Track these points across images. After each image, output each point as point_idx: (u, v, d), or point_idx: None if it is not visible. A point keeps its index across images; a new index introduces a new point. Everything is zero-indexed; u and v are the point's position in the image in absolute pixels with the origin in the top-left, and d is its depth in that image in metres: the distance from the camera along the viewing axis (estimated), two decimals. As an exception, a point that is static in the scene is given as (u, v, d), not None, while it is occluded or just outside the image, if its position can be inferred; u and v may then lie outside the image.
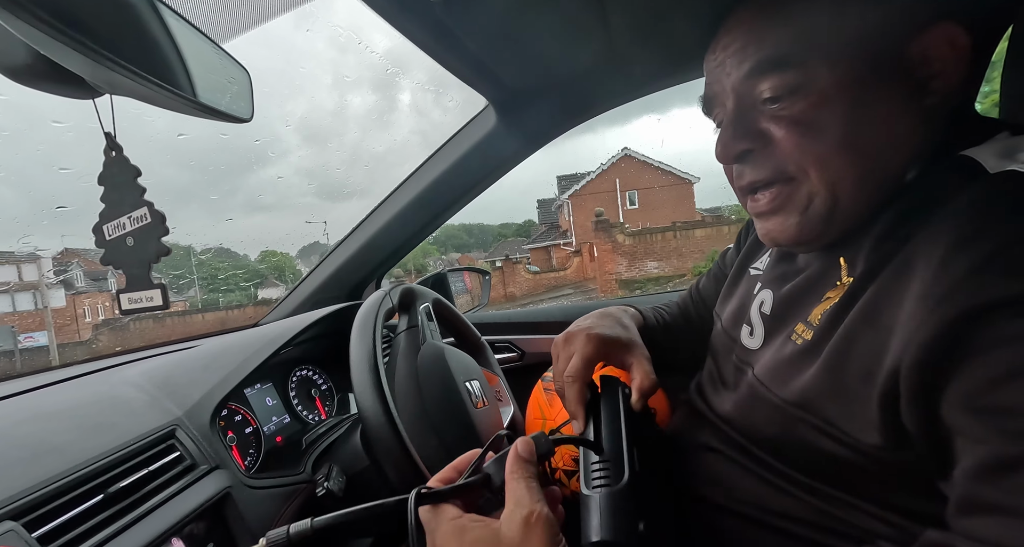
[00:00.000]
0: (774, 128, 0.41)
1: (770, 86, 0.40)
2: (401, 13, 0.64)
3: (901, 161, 0.39)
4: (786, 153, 0.40)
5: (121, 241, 0.39)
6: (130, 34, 0.37)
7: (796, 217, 0.42)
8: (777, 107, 0.40)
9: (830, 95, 0.38)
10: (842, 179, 0.39)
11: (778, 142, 0.41)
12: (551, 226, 24.37)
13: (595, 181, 20.43)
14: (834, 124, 0.38)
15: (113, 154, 0.38)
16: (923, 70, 0.38)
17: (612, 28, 0.70)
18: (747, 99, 0.42)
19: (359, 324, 0.69)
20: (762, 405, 0.44)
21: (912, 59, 0.38)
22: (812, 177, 0.40)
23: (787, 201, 0.42)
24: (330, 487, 0.64)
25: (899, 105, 0.38)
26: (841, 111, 0.38)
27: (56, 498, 0.44)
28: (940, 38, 0.37)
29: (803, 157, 0.40)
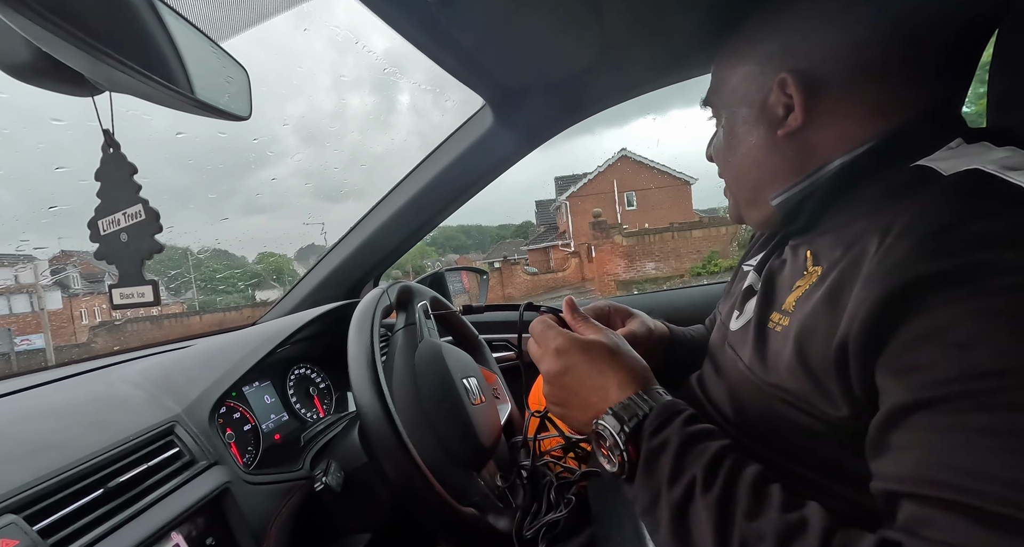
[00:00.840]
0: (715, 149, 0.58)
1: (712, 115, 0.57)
2: (397, 12, 0.65)
3: (773, 177, 0.51)
4: (718, 161, 0.58)
5: (115, 237, 0.39)
6: (130, 31, 0.38)
7: (730, 204, 0.59)
8: (716, 132, 0.57)
9: (723, 129, 0.55)
10: (732, 185, 0.57)
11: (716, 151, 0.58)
12: (549, 227, 24.38)
13: (593, 182, 20.46)
14: (723, 150, 0.55)
15: (111, 151, 0.38)
16: (779, 110, 0.48)
17: (607, 27, 0.70)
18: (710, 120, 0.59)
19: (357, 321, 0.69)
20: (747, 388, 0.48)
21: (771, 103, 0.48)
22: (726, 181, 0.58)
23: (727, 193, 0.59)
24: (328, 482, 0.64)
25: (760, 138, 0.50)
26: (726, 139, 0.54)
27: (57, 492, 0.45)
28: (784, 87, 0.47)
29: (720, 167, 0.58)
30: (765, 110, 0.49)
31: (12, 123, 34.48)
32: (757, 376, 0.46)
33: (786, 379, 0.43)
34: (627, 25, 0.71)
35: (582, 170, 21.18)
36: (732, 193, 0.57)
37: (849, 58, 0.45)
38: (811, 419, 0.41)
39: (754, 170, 0.52)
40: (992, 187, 0.35)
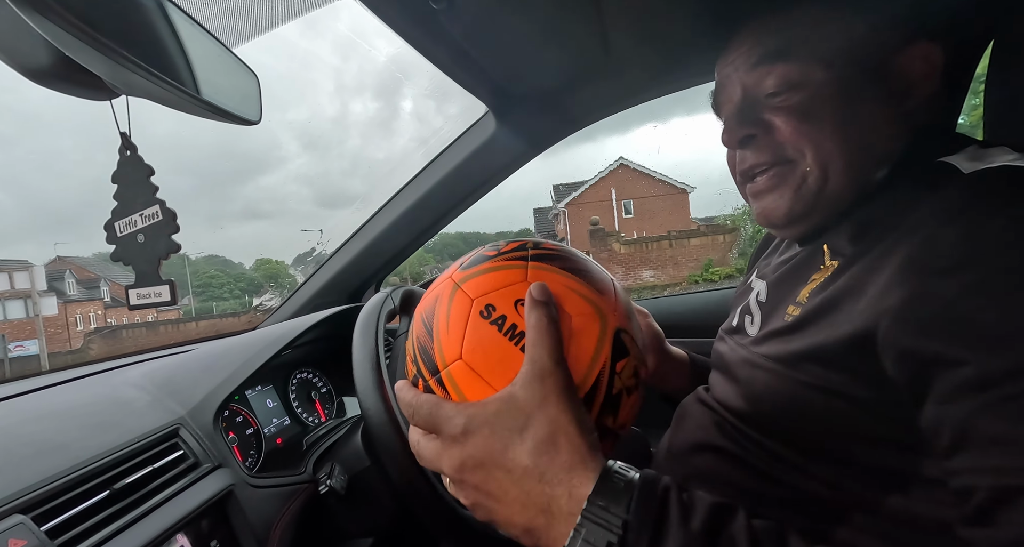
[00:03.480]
0: (775, 117, 0.47)
1: (773, 80, 0.47)
2: (402, 18, 0.66)
3: (881, 153, 0.46)
4: (785, 138, 0.47)
5: (132, 238, 0.40)
6: (147, 36, 0.39)
7: (790, 193, 0.48)
8: (779, 99, 0.47)
9: (824, 90, 0.45)
10: (833, 160, 0.45)
11: (778, 129, 0.47)
12: (548, 235, 24.43)
13: (591, 190, 20.54)
14: (826, 115, 0.45)
15: (128, 153, 0.39)
16: (901, 81, 0.45)
17: (610, 35, 0.72)
18: (752, 91, 0.49)
19: (361, 324, 0.69)
20: (763, 377, 0.47)
21: (893, 70, 0.44)
22: (808, 157, 0.46)
23: (783, 180, 0.48)
24: (333, 485, 0.64)
25: (881, 106, 0.45)
26: (833, 105, 0.45)
27: (63, 493, 0.45)
28: (918, 55, 0.44)
29: (800, 141, 0.46)
30: (889, 77, 0.45)
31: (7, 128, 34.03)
32: (777, 366, 0.46)
33: (801, 359, 0.42)
34: (630, 33, 0.72)
35: (581, 178, 21.26)
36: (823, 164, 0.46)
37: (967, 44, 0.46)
38: (834, 400, 0.40)
39: (863, 141, 0.45)
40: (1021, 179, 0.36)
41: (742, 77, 0.49)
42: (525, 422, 0.34)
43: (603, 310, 0.38)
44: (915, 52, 0.44)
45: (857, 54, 0.45)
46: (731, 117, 0.51)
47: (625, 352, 0.38)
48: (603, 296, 0.39)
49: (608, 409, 0.37)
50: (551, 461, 0.33)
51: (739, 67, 0.50)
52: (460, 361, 0.37)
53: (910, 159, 0.45)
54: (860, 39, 0.45)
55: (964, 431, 0.33)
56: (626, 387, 0.38)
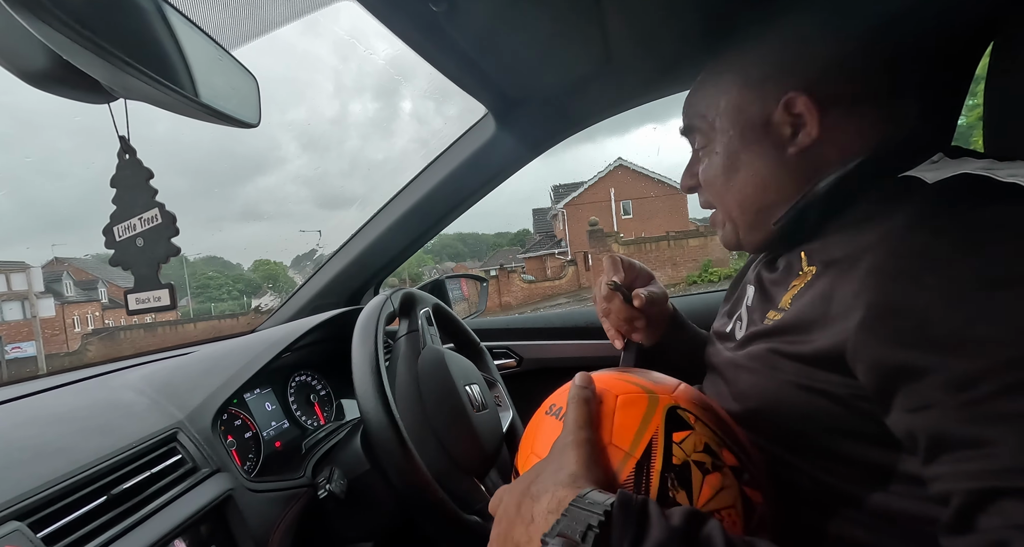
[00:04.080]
0: (699, 173, 0.56)
1: (696, 143, 0.57)
2: (402, 20, 0.66)
3: (780, 197, 0.50)
4: (703, 191, 0.57)
5: (131, 242, 0.40)
6: (145, 39, 0.38)
7: (721, 231, 0.58)
8: (700, 157, 0.56)
9: (716, 155, 0.53)
10: (732, 211, 0.54)
11: (700, 183, 0.57)
12: (546, 235, 24.44)
13: (590, 191, 20.57)
14: (720, 175, 0.53)
15: (127, 156, 0.39)
16: (787, 129, 0.49)
17: (610, 37, 0.72)
18: (694, 149, 0.58)
19: (361, 327, 0.69)
20: (747, 376, 0.49)
21: (776, 123, 0.49)
22: (719, 208, 0.56)
23: (715, 221, 0.58)
24: (332, 490, 0.64)
25: (767, 159, 0.50)
26: (724, 167, 0.53)
27: (60, 499, 0.44)
28: (795, 104, 0.48)
29: (711, 195, 0.56)
30: (770, 130, 0.49)
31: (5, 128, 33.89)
32: (760, 366, 0.47)
33: (794, 367, 0.43)
34: (630, 36, 0.72)
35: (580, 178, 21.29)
36: (732, 219, 0.55)
37: (849, 76, 0.47)
38: (816, 398, 0.42)
39: (761, 192, 0.51)
40: (983, 184, 0.37)
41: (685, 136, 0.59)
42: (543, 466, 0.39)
43: (653, 390, 0.42)
44: (789, 105, 0.48)
45: (738, 119, 0.51)
46: (686, 167, 0.60)
47: (685, 425, 0.39)
48: (658, 384, 0.44)
49: (676, 482, 0.37)
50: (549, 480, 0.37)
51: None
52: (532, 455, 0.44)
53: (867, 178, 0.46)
54: (738, 104, 0.51)
55: (936, 439, 0.33)
56: (696, 462, 0.38)
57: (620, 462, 0.37)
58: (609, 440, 0.39)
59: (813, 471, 0.44)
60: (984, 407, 0.31)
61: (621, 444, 0.38)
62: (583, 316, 1.27)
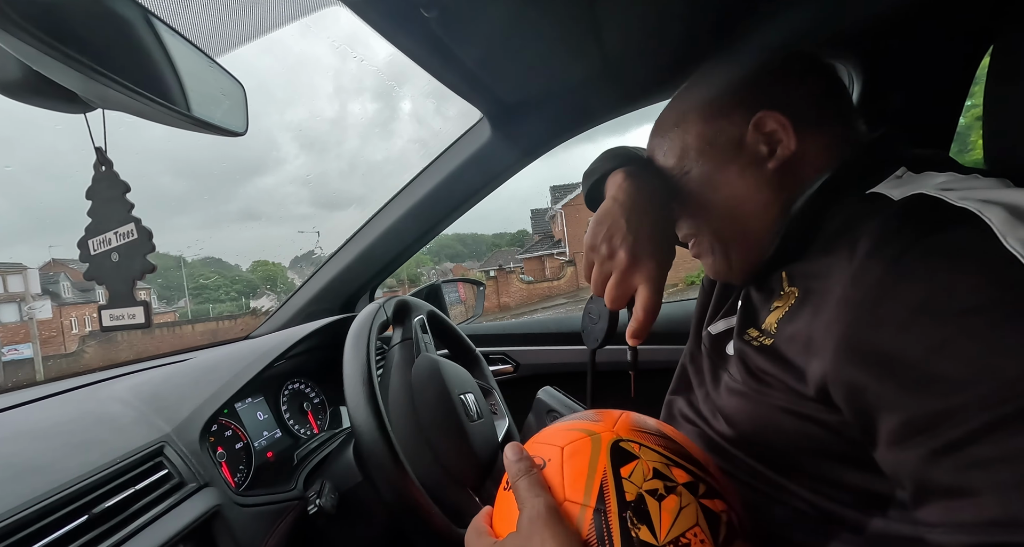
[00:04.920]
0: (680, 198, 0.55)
1: (675, 172, 0.54)
2: (395, 26, 0.65)
3: (767, 213, 0.50)
4: (686, 218, 0.55)
5: (106, 256, 0.38)
6: (123, 48, 0.37)
7: (710, 259, 0.56)
8: (680, 182, 0.54)
9: (697, 180, 0.52)
10: (721, 233, 0.53)
11: (682, 210, 0.55)
12: (545, 236, 24.46)
13: (588, 191, 20.51)
14: (704, 200, 0.52)
15: (103, 169, 0.38)
16: (762, 148, 0.49)
17: (604, 42, 0.71)
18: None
19: (353, 337, 0.68)
20: (736, 401, 0.49)
21: (750, 143, 0.50)
22: (705, 234, 0.54)
23: (700, 249, 0.56)
24: (322, 504, 0.63)
25: (743, 175, 0.50)
26: (707, 190, 0.52)
27: (39, 519, 0.43)
28: (766, 122, 0.49)
29: (695, 222, 0.54)
30: (744, 151, 0.50)
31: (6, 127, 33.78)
32: (749, 390, 0.47)
33: (779, 390, 0.44)
34: (624, 40, 0.71)
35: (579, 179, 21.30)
36: (719, 242, 0.54)
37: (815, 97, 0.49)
38: (808, 424, 0.42)
39: (744, 209, 0.51)
40: (937, 207, 0.37)
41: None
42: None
43: (594, 430, 0.41)
44: (760, 124, 0.49)
45: (715, 141, 0.51)
46: None
47: (630, 457, 0.38)
48: (599, 421, 0.43)
49: (634, 519, 0.35)
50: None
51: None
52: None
53: (838, 195, 0.46)
54: (712, 124, 0.51)
55: (920, 484, 0.33)
56: (649, 491, 0.37)
57: (579, 516, 0.37)
58: (563, 497, 0.38)
59: (810, 496, 0.43)
60: (963, 453, 0.30)
61: (575, 497, 0.38)
62: (581, 321, 1.26)
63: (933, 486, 0.32)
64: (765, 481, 0.46)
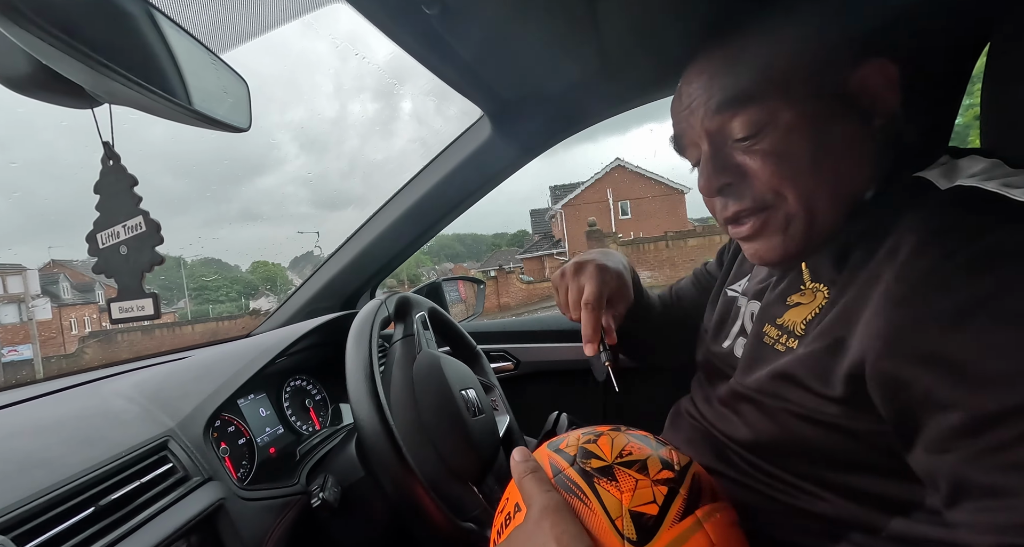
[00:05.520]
0: (749, 161, 0.45)
1: (739, 125, 0.45)
2: (396, 24, 0.65)
3: (862, 177, 0.44)
4: (763, 183, 0.45)
5: (115, 250, 0.39)
6: (129, 44, 0.38)
7: (779, 237, 0.46)
8: (749, 143, 0.45)
9: (792, 128, 0.43)
10: (815, 198, 0.44)
11: (755, 174, 0.45)
12: (544, 236, 24.45)
13: (588, 191, 20.59)
14: (800, 152, 0.43)
15: (111, 163, 0.38)
16: (864, 100, 0.43)
17: (604, 40, 0.71)
18: (720, 138, 0.47)
19: (355, 333, 0.68)
20: (752, 410, 0.47)
21: (853, 92, 0.43)
22: (789, 200, 0.44)
23: (768, 225, 0.46)
24: (326, 498, 0.63)
25: (852, 130, 0.43)
26: (804, 140, 0.43)
27: (46, 511, 0.43)
28: (872, 72, 0.43)
29: (779, 184, 0.44)
30: (849, 99, 0.43)
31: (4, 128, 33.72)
32: (768, 399, 0.45)
33: (811, 401, 0.42)
34: (625, 38, 0.71)
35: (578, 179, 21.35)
36: (805, 211, 0.44)
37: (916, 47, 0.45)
38: (832, 433, 0.40)
39: (855, 169, 0.44)
40: (996, 202, 0.35)
41: (705, 124, 0.47)
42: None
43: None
44: (868, 69, 0.43)
45: (815, 84, 0.43)
46: (704, 165, 0.48)
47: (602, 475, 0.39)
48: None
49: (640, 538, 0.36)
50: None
51: (699, 113, 0.47)
52: None
53: (889, 176, 0.44)
54: (814, 68, 0.43)
55: (956, 485, 0.32)
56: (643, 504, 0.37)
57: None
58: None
59: (829, 500, 0.42)
60: (1005, 454, 0.30)
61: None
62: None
63: (971, 486, 0.31)
64: (784, 485, 0.45)
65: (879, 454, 0.38)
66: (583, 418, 1.19)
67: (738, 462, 0.49)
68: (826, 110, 0.43)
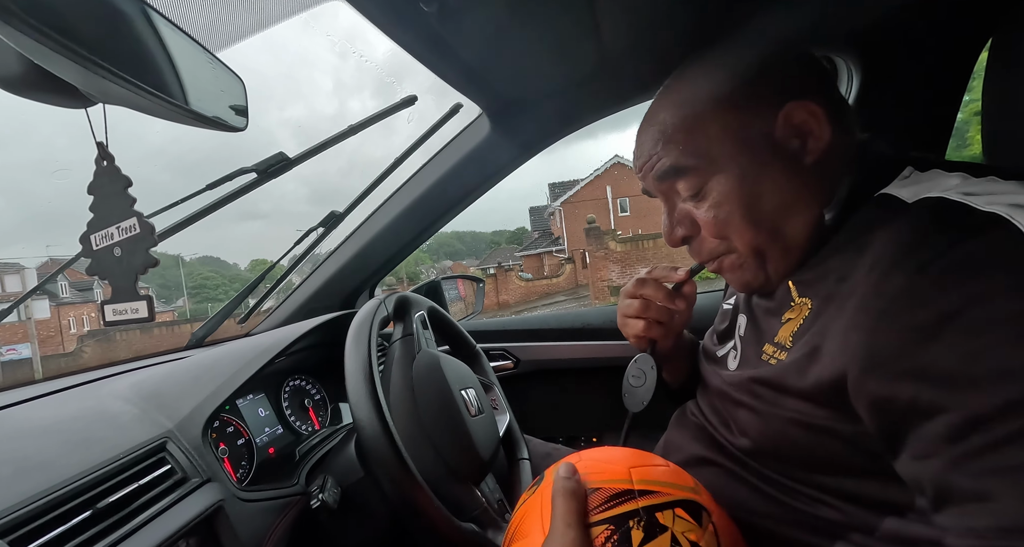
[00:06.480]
0: (698, 216, 0.50)
1: (682, 188, 0.50)
2: (394, 22, 0.65)
3: (809, 211, 0.47)
4: (711, 236, 0.50)
5: (108, 251, 0.38)
6: (123, 42, 0.37)
7: (740, 274, 0.51)
8: (694, 201, 0.50)
9: (728, 186, 0.47)
10: (759, 243, 0.48)
11: (703, 228, 0.50)
12: (543, 233, 24.45)
13: (587, 188, 20.58)
14: (738, 208, 0.47)
15: (104, 163, 0.37)
16: (794, 141, 0.46)
17: (604, 38, 0.71)
18: (671, 196, 0.53)
19: (354, 333, 0.68)
20: (745, 414, 0.49)
21: (781, 138, 0.46)
22: (738, 247, 0.49)
23: (730, 266, 0.51)
24: (325, 499, 0.63)
25: (787, 174, 0.46)
26: (742, 195, 0.47)
27: (43, 515, 0.43)
28: (795, 114, 0.45)
29: (725, 235, 0.49)
30: (776, 146, 0.46)
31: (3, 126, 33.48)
32: (759, 404, 0.47)
33: (797, 405, 0.43)
34: (623, 37, 0.71)
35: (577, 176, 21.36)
36: (755, 255, 0.49)
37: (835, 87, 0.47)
38: (823, 437, 0.41)
39: (785, 213, 0.47)
40: (961, 212, 0.36)
41: (656, 186, 0.53)
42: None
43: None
44: (789, 113, 0.46)
45: (741, 142, 0.46)
46: (664, 219, 0.54)
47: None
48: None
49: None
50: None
51: (649, 179, 0.53)
52: None
53: (851, 197, 0.45)
54: (737, 127, 0.46)
55: (941, 490, 0.33)
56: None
57: None
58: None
59: (823, 501, 0.43)
60: (987, 459, 0.30)
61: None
62: (580, 317, 1.27)
63: (953, 491, 0.32)
64: (779, 486, 0.46)
65: (870, 456, 0.39)
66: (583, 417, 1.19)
67: (739, 462, 0.50)
68: (757, 162, 0.46)
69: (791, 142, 0.46)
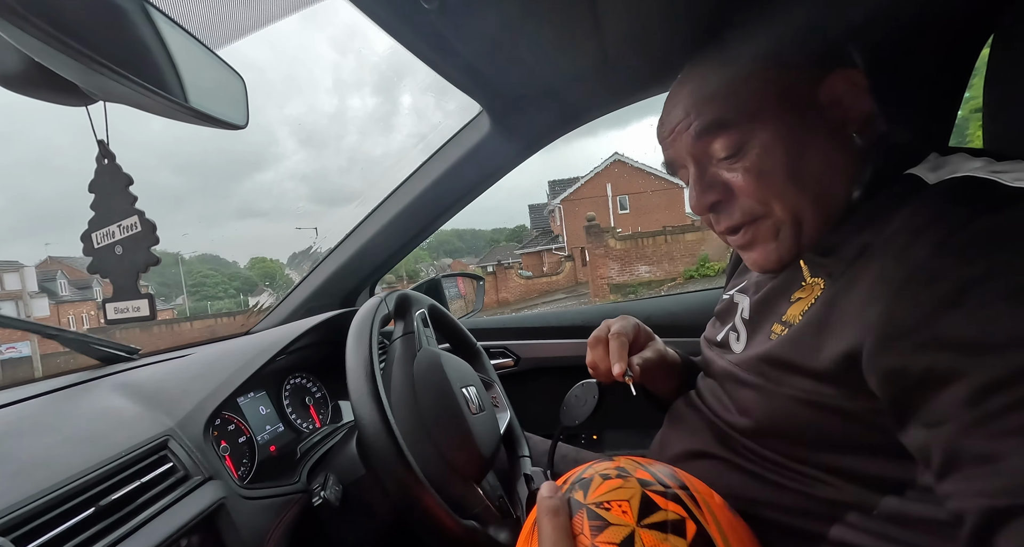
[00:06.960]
0: (734, 179, 0.48)
1: (720, 147, 0.48)
2: (395, 19, 0.64)
3: (845, 180, 0.46)
4: (749, 197, 0.48)
5: (110, 250, 0.38)
6: (124, 40, 0.37)
7: (772, 244, 0.49)
8: (730, 162, 0.48)
9: (769, 145, 0.46)
10: (800, 206, 0.46)
11: (740, 190, 0.48)
12: (543, 231, 24.44)
13: (586, 186, 20.56)
14: (780, 166, 0.46)
15: (105, 162, 0.37)
16: (836, 110, 0.46)
17: (604, 36, 0.70)
18: (704, 159, 0.50)
19: (355, 331, 0.68)
20: (750, 394, 0.49)
21: (823, 103, 0.46)
22: (776, 211, 0.47)
23: (761, 235, 0.50)
24: (327, 496, 0.63)
25: (828, 139, 0.46)
26: (782, 155, 0.45)
27: (45, 512, 0.43)
28: (838, 82, 0.45)
29: (764, 197, 0.47)
30: (820, 111, 0.46)
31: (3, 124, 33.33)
32: (765, 383, 0.47)
33: (803, 383, 0.43)
34: (624, 34, 0.71)
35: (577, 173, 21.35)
36: (793, 222, 0.47)
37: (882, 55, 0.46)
38: (827, 414, 0.41)
39: (827, 178, 0.46)
40: (987, 188, 0.37)
41: (689, 147, 0.50)
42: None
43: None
44: (834, 80, 0.45)
45: (784, 102, 0.45)
46: (693, 186, 0.51)
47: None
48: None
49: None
50: None
51: (682, 139, 0.50)
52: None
53: (878, 176, 0.45)
54: (781, 87, 0.45)
55: (950, 455, 0.33)
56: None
57: None
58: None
59: (827, 482, 0.43)
60: (998, 421, 0.30)
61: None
62: (580, 315, 1.27)
63: (963, 455, 0.32)
64: (781, 469, 0.46)
65: (875, 433, 0.39)
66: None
67: (739, 448, 0.50)
68: (799, 124, 0.45)
69: (833, 109, 0.45)
